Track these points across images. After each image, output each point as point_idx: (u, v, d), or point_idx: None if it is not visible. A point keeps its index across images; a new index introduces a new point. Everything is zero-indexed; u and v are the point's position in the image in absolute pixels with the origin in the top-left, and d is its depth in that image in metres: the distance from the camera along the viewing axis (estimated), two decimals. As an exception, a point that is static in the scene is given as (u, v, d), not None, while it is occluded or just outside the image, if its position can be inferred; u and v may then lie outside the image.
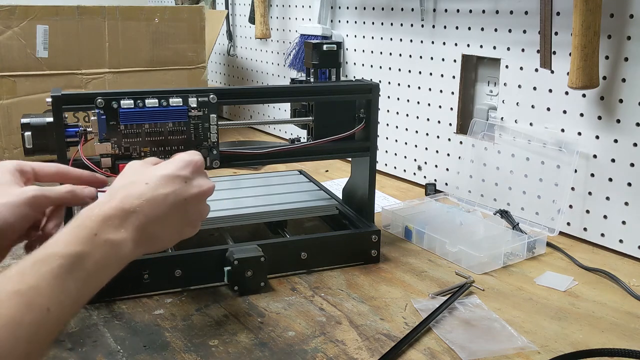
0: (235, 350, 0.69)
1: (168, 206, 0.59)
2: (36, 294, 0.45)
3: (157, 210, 0.58)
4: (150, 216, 0.57)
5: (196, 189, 0.62)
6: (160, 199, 0.58)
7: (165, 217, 0.59)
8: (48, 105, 0.76)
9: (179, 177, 0.61)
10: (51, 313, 0.45)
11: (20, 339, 0.42)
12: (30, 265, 0.47)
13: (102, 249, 0.52)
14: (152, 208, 0.58)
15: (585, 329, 0.75)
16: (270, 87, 1.29)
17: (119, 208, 0.56)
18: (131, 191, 0.58)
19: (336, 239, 0.90)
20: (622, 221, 0.95)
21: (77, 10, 1.42)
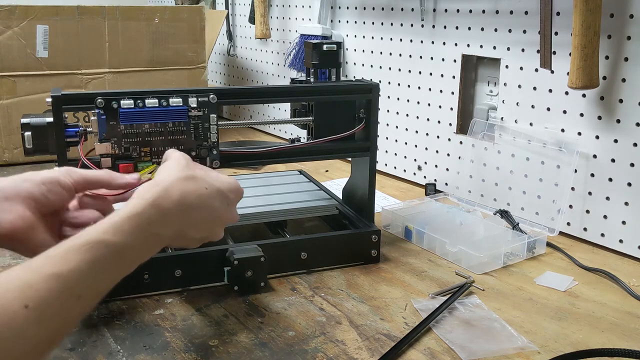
0: (235, 350, 0.69)
1: (206, 217, 0.61)
2: (73, 280, 0.44)
3: (201, 217, 0.60)
4: (194, 221, 0.59)
5: (231, 215, 0.65)
6: (208, 208, 0.60)
7: (203, 225, 0.61)
8: (48, 105, 0.76)
9: (228, 198, 0.63)
10: (81, 300, 0.45)
11: (46, 324, 0.42)
12: (76, 247, 0.46)
13: (148, 242, 0.53)
14: (200, 214, 0.59)
15: (585, 329, 0.75)
16: (270, 87, 1.29)
17: (179, 204, 0.56)
18: (190, 189, 0.58)
19: (336, 239, 0.90)
20: (622, 221, 0.95)
21: (77, 10, 1.42)
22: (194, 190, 0.59)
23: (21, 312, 0.40)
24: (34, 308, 0.41)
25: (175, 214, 0.56)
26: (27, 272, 0.43)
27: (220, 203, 0.62)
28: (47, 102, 0.76)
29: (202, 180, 0.61)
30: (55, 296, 0.43)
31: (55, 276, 0.43)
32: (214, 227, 0.63)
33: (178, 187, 0.58)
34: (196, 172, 0.61)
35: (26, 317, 0.40)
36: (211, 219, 0.61)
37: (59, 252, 0.46)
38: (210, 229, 0.62)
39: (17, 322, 0.40)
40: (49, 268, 0.44)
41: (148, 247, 0.54)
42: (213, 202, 0.61)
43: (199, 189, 0.59)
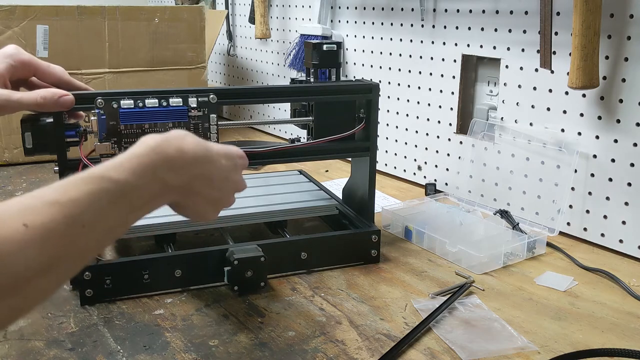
0: (235, 350, 0.69)
1: (219, 174, 0.60)
2: (74, 208, 0.44)
3: (211, 172, 0.59)
4: (205, 174, 0.58)
5: (239, 177, 0.65)
6: (217, 164, 0.60)
7: (213, 181, 0.60)
8: (48, 105, 0.76)
9: (233, 159, 0.64)
10: (86, 230, 0.45)
11: (49, 247, 0.42)
12: (77, 181, 0.46)
13: (154, 187, 0.52)
14: (209, 169, 0.59)
15: (585, 329, 0.75)
16: (270, 87, 1.29)
17: (181, 151, 0.56)
18: (196, 144, 0.58)
19: (336, 239, 0.90)
20: (622, 221, 0.95)
21: (77, 10, 1.42)
22: (198, 145, 0.59)
23: (20, 229, 0.41)
24: (33, 228, 0.41)
25: (179, 162, 0.56)
26: (28, 198, 0.43)
27: (227, 162, 0.62)
28: (47, 102, 0.76)
29: (205, 141, 0.61)
30: (56, 221, 0.43)
31: (55, 203, 0.43)
32: (223, 186, 0.62)
33: (181, 139, 0.58)
34: (198, 137, 0.62)
35: (25, 234, 0.41)
36: (220, 176, 0.61)
37: (62, 183, 0.46)
38: (221, 187, 0.61)
39: (16, 238, 0.40)
40: (49, 196, 0.44)
41: (154, 190, 0.53)
42: (219, 158, 0.61)
43: (203, 145, 0.59)
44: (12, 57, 0.72)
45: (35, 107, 0.72)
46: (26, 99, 0.71)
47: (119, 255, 0.93)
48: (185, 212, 0.61)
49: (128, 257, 0.84)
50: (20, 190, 1.23)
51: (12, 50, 0.73)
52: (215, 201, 0.62)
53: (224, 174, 0.62)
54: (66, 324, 0.74)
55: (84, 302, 0.78)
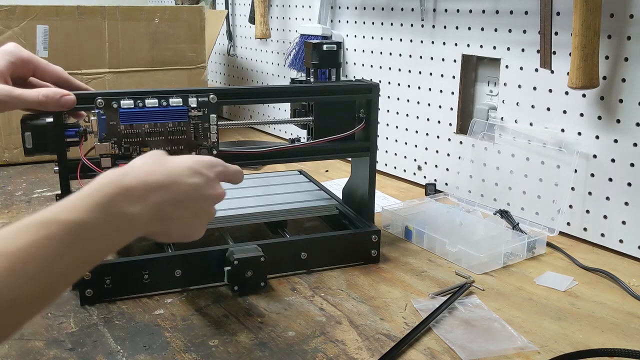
0: (235, 350, 0.69)
1: (187, 194, 0.58)
2: (20, 258, 0.43)
3: (178, 194, 0.57)
4: (171, 198, 0.57)
5: (214, 191, 0.62)
6: (183, 185, 0.58)
7: (182, 203, 0.58)
8: (48, 105, 0.76)
9: (203, 174, 0.61)
10: (34, 279, 0.43)
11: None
12: (27, 227, 0.45)
13: (113, 221, 0.50)
14: (174, 191, 0.57)
15: (585, 329, 0.75)
16: (270, 87, 1.29)
17: (142, 181, 0.54)
18: (156, 169, 0.57)
19: (336, 239, 0.90)
20: (622, 221, 0.95)
21: (77, 10, 1.42)
22: (160, 168, 0.57)
23: None
24: None
25: (140, 191, 0.54)
26: None
27: (196, 179, 0.60)
28: (47, 102, 0.76)
29: (167, 162, 0.59)
30: (5, 274, 0.42)
31: (5, 254, 0.42)
32: (197, 204, 0.60)
33: (142, 166, 0.56)
34: (163, 158, 0.60)
35: None
36: (189, 196, 0.59)
37: (10, 230, 0.44)
38: (193, 207, 0.60)
39: None
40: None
41: (116, 225, 0.51)
42: (186, 179, 0.59)
43: (165, 168, 0.58)
44: (12, 54, 0.72)
45: (36, 105, 0.71)
46: (28, 96, 0.70)
47: (119, 255, 0.93)
48: (168, 238, 0.60)
49: (128, 257, 0.84)
50: (20, 190, 1.23)
51: (12, 48, 0.73)
52: (193, 220, 0.60)
53: (195, 193, 0.60)
54: (66, 324, 0.74)
55: (84, 302, 0.78)
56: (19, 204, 1.16)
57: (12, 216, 1.09)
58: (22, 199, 1.18)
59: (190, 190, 0.59)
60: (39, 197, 1.20)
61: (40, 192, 1.23)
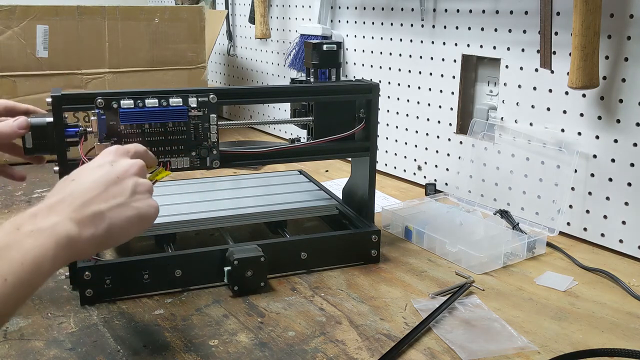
0: (235, 350, 0.69)
1: (101, 186, 0.58)
2: None
3: (90, 192, 0.57)
4: (85, 198, 0.56)
5: (124, 165, 0.62)
6: (90, 185, 0.58)
7: (104, 194, 0.57)
8: (48, 105, 0.76)
9: (104, 163, 0.61)
10: None
11: None
12: None
13: (29, 239, 0.50)
14: (84, 193, 0.57)
15: (585, 329, 0.75)
16: (270, 87, 1.29)
17: (45, 204, 0.55)
18: (58, 190, 0.58)
19: (336, 239, 0.90)
20: (622, 221, 0.95)
21: (77, 10, 1.42)
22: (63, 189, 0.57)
23: None
24: None
25: (44, 210, 0.54)
26: None
27: (100, 171, 0.60)
28: (47, 102, 0.76)
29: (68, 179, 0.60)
30: None
31: None
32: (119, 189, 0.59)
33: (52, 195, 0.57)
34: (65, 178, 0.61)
35: None
36: (105, 186, 0.58)
37: None
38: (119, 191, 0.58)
39: None
40: None
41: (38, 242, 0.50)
42: (88, 178, 0.58)
43: (66, 186, 0.58)
44: None
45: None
46: None
47: (119, 255, 0.93)
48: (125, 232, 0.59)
49: (128, 257, 0.84)
50: (20, 190, 1.23)
51: None
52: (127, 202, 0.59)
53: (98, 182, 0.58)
54: (66, 324, 0.74)
55: (84, 302, 0.78)
56: (19, 204, 1.16)
57: (12, 216, 1.09)
58: (22, 199, 1.18)
59: (100, 183, 0.58)
60: (39, 197, 1.20)
61: (40, 192, 1.23)
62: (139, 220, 0.59)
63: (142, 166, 0.63)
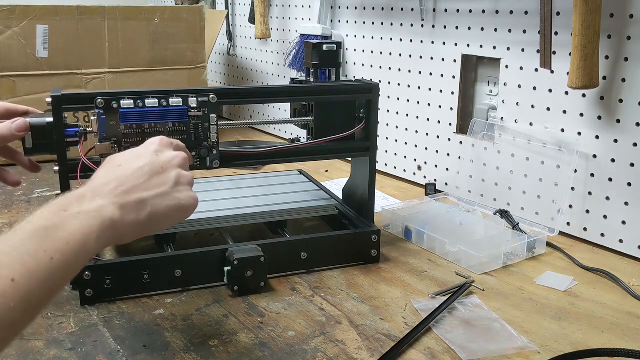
0: (235, 350, 0.69)
1: (146, 174, 0.60)
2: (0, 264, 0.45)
3: (135, 180, 0.59)
4: (129, 184, 0.58)
5: (169, 156, 0.64)
6: (135, 172, 0.59)
7: (147, 183, 0.59)
8: (48, 105, 0.76)
9: (149, 151, 0.63)
10: (17, 283, 0.45)
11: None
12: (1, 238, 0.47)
13: (75, 220, 0.51)
14: (130, 179, 0.59)
15: (585, 329, 0.75)
16: (270, 87, 1.29)
17: (91, 187, 0.56)
18: (104, 174, 0.59)
19: (336, 239, 0.90)
20: (622, 221, 0.95)
21: (77, 10, 1.42)
22: (109, 173, 0.59)
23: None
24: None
25: (91, 192, 0.55)
26: None
27: (145, 159, 0.61)
28: (47, 102, 0.76)
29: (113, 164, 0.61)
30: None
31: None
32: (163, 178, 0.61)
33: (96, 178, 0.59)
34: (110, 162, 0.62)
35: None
36: (149, 174, 0.60)
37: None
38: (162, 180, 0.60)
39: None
40: None
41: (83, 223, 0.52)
42: (135, 165, 0.60)
43: (111, 170, 0.60)
44: None
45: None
46: None
47: (119, 255, 0.93)
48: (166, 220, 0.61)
49: (128, 257, 0.84)
50: (20, 190, 1.23)
51: None
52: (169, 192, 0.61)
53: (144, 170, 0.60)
54: (66, 324, 0.74)
55: (84, 302, 0.78)
56: (19, 204, 1.16)
57: (12, 216, 1.09)
58: (22, 199, 1.18)
59: (145, 171, 0.60)
60: (39, 197, 1.20)
61: (40, 192, 1.23)
62: (179, 210, 0.62)
63: (185, 158, 0.65)
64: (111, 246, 0.95)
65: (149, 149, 0.64)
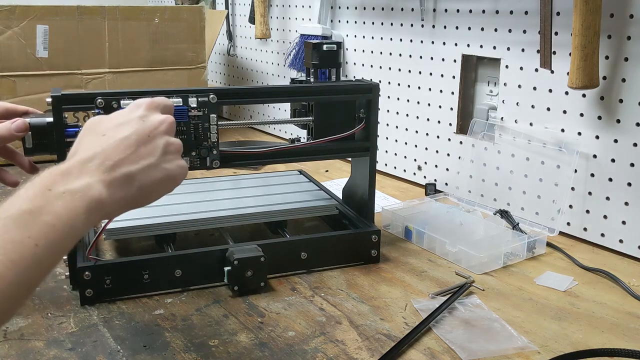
0: (235, 350, 0.69)
1: (133, 145, 0.57)
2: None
3: (122, 152, 0.56)
4: (116, 158, 0.55)
5: (155, 122, 0.60)
6: (121, 141, 0.57)
7: (134, 155, 0.57)
8: (48, 105, 0.76)
9: (134, 118, 0.60)
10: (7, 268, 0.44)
11: None
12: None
13: (60, 201, 0.49)
14: (116, 151, 0.56)
15: (585, 329, 0.75)
16: (270, 87, 1.29)
17: (77, 160, 0.54)
18: (89, 145, 0.57)
19: (336, 239, 0.90)
20: (622, 221, 0.95)
21: (77, 10, 1.42)
22: (93, 143, 0.56)
23: None
24: None
25: (77, 167, 0.53)
26: None
27: (131, 127, 0.58)
28: (47, 102, 0.76)
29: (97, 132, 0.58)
30: None
31: None
32: (150, 147, 0.58)
33: (80, 149, 0.57)
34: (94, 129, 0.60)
35: None
36: (136, 144, 0.57)
37: None
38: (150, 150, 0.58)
39: None
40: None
41: (69, 204, 0.50)
42: (120, 134, 0.57)
43: (96, 140, 0.57)
44: None
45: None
46: None
47: (119, 255, 0.93)
48: (155, 192, 0.58)
49: (128, 257, 0.84)
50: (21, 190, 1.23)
51: None
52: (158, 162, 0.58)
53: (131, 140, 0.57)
54: (66, 324, 0.74)
55: (84, 302, 0.78)
56: (19, 204, 1.16)
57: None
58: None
59: (132, 141, 0.57)
60: (39, 197, 1.20)
61: (40, 192, 1.23)
62: (168, 181, 0.60)
63: (172, 122, 0.62)
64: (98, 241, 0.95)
65: (134, 114, 0.60)
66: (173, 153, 0.61)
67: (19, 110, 0.79)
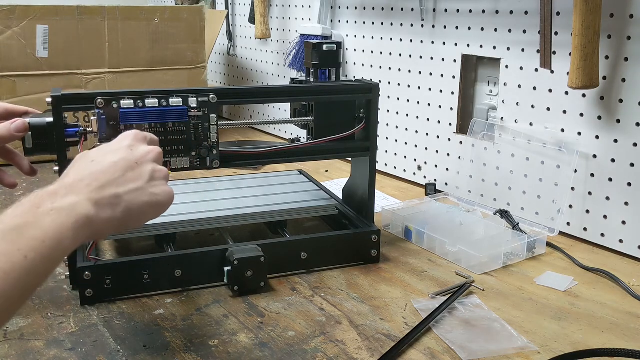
0: (235, 350, 0.69)
1: (121, 169, 0.59)
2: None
3: (110, 175, 0.58)
4: (104, 180, 0.57)
5: (143, 151, 0.63)
6: (110, 166, 0.59)
7: (122, 178, 0.59)
8: (48, 105, 0.76)
9: (122, 147, 0.62)
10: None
11: None
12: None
13: (48, 217, 0.51)
14: (104, 174, 0.58)
15: (585, 329, 0.75)
16: (270, 87, 1.29)
17: (66, 183, 0.56)
18: (78, 170, 0.58)
19: (336, 239, 0.90)
20: (622, 221, 0.95)
21: (77, 10, 1.42)
22: (82, 168, 0.58)
23: None
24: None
25: (64, 189, 0.54)
26: None
27: (120, 154, 0.61)
28: (47, 102, 0.76)
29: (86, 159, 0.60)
30: None
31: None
32: (137, 173, 0.60)
33: (70, 173, 0.58)
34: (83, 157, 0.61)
35: None
36: (124, 170, 0.59)
37: None
38: (137, 175, 0.60)
39: None
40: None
41: (56, 220, 0.51)
42: (109, 160, 0.59)
43: (85, 165, 0.59)
44: None
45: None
46: None
47: (119, 255, 0.93)
48: (141, 216, 0.60)
49: (128, 257, 0.84)
50: (20, 190, 1.23)
51: None
52: (144, 187, 0.60)
53: (118, 165, 0.59)
54: (66, 324, 0.74)
55: (84, 302, 0.78)
56: (19, 204, 1.16)
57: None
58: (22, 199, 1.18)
59: (120, 166, 0.59)
60: (39, 197, 1.19)
61: (40, 192, 1.23)
62: (155, 205, 0.61)
63: (159, 153, 0.64)
64: (98, 242, 0.96)
65: (123, 144, 0.63)
66: (159, 180, 0.62)
67: (19, 110, 0.79)
